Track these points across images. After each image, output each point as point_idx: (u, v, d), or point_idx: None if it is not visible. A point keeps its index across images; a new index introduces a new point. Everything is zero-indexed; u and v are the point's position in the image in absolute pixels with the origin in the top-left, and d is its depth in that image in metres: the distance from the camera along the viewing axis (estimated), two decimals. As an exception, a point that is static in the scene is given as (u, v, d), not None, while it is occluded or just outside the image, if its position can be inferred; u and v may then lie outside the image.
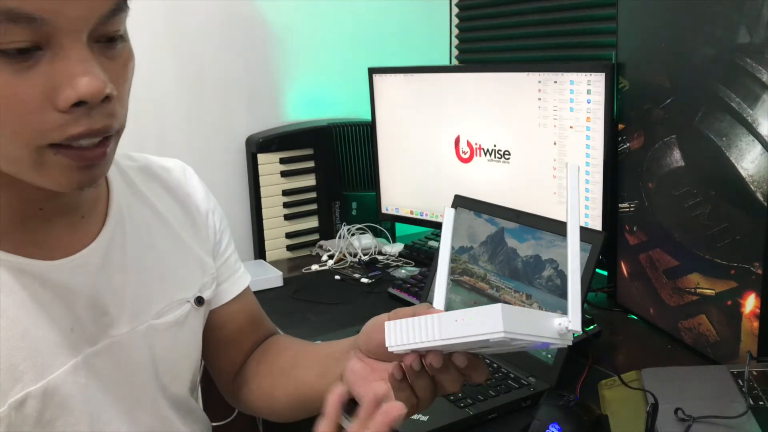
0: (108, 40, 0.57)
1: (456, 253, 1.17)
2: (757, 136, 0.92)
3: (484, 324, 0.52)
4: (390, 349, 0.56)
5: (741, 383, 0.86)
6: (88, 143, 0.57)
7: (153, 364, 0.75)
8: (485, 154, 1.47)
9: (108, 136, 0.59)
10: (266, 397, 0.85)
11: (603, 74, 1.22)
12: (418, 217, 1.66)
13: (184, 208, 0.82)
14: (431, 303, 0.62)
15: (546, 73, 1.32)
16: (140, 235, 0.75)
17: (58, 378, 0.65)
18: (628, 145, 1.19)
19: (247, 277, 0.91)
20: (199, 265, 0.82)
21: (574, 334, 0.55)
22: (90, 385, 0.68)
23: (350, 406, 0.64)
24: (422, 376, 0.60)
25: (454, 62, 1.96)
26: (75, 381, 0.66)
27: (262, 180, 1.67)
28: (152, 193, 0.79)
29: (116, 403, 0.71)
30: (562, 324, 0.54)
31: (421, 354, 0.58)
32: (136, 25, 1.70)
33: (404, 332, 0.56)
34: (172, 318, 0.76)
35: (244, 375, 0.88)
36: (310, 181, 1.74)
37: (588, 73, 1.25)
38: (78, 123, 0.55)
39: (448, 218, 0.63)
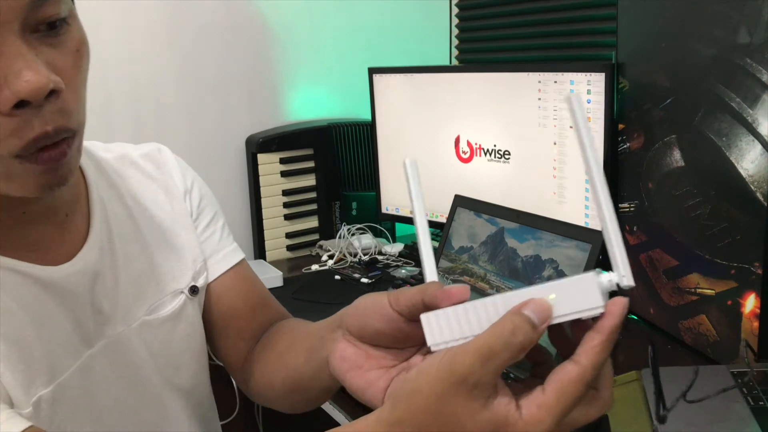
0: (48, 27, 0.52)
1: (456, 253, 1.17)
2: (757, 136, 0.92)
3: (575, 301, 0.42)
4: (434, 348, 0.46)
5: (741, 383, 0.86)
6: (47, 143, 0.53)
7: (152, 360, 0.73)
8: (485, 154, 1.47)
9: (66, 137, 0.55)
10: (267, 385, 0.79)
11: (603, 74, 1.22)
12: (418, 217, 1.66)
13: (167, 192, 0.79)
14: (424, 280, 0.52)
15: (546, 73, 1.32)
16: (125, 228, 0.73)
17: (64, 382, 0.64)
18: (628, 145, 1.19)
19: (236, 255, 0.84)
20: (190, 252, 0.79)
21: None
22: (92, 388, 0.67)
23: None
24: None
25: (454, 62, 1.96)
26: (79, 384, 0.65)
27: (262, 180, 1.67)
28: (133, 183, 0.77)
29: (118, 403, 0.70)
30: (612, 280, 0.43)
31: None
32: (137, 25, 1.71)
33: (454, 324, 0.45)
34: (167, 312, 0.75)
35: (251, 363, 0.82)
36: (310, 181, 1.74)
37: (588, 73, 1.25)
38: (29, 126, 0.51)
39: (412, 171, 0.52)
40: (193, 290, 0.78)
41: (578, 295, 0.42)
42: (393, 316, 0.53)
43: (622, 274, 0.43)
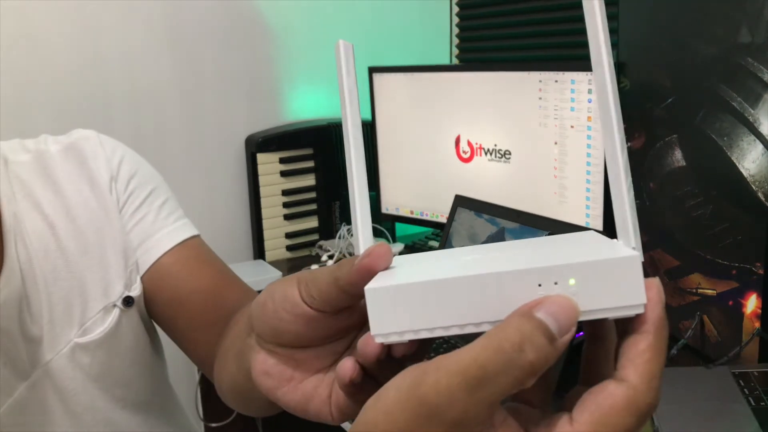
0: None
1: (456, 253, 1.17)
2: (759, 136, 0.91)
3: (605, 291, 0.29)
4: (380, 340, 0.32)
5: (742, 384, 0.86)
6: None
7: (94, 383, 0.67)
8: (486, 153, 1.47)
9: None
10: (219, 387, 0.65)
11: (604, 74, 1.21)
12: (418, 217, 1.66)
13: (93, 186, 0.70)
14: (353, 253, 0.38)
15: (547, 72, 1.31)
16: (45, 243, 0.66)
17: None
18: (629, 144, 1.18)
19: (174, 236, 0.72)
20: (120, 255, 0.69)
21: None
22: (31, 422, 0.62)
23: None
24: (392, 365, 0.36)
25: (455, 61, 1.96)
26: (14, 422, 0.61)
27: (261, 180, 1.67)
28: (52, 187, 0.68)
29: None
30: None
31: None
32: (136, 24, 1.71)
33: (417, 306, 0.31)
34: (102, 333, 0.67)
35: (214, 358, 0.69)
36: (309, 181, 1.73)
37: (589, 72, 1.24)
38: None
39: (346, 54, 0.38)
40: (127, 302, 0.69)
41: (610, 283, 0.29)
42: (312, 315, 0.39)
43: (632, 245, 0.31)
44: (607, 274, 0.29)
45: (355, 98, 0.37)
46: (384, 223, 1.77)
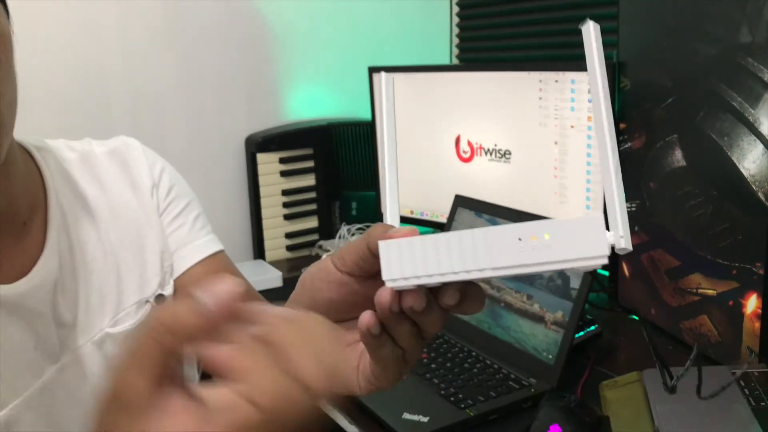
0: None
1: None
2: (759, 136, 0.91)
3: (575, 245, 0.36)
4: (390, 284, 0.39)
5: (743, 384, 0.86)
6: None
7: None
8: (486, 153, 1.46)
9: None
10: None
11: (604, 74, 1.21)
12: (418, 217, 1.66)
13: (134, 189, 0.75)
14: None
15: (547, 72, 1.31)
16: (86, 234, 0.69)
17: (22, 404, 0.61)
18: (629, 144, 1.18)
19: (206, 248, 0.77)
20: (158, 255, 0.74)
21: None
22: (56, 406, 0.64)
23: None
24: (403, 320, 0.43)
25: (455, 61, 1.96)
26: (41, 403, 0.62)
27: (261, 180, 1.66)
28: (96, 184, 0.72)
29: (83, 423, 0.67)
30: (608, 240, 0.38)
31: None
32: (136, 24, 1.70)
33: (419, 257, 0.38)
34: (132, 326, 0.70)
35: None
36: (309, 180, 1.73)
37: (589, 73, 1.24)
38: None
39: (387, 85, 0.46)
40: (159, 299, 0.73)
41: (577, 237, 0.36)
42: (343, 280, 0.45)
43: (620, 233, 0.37)
44: (575, 230, 0.36)
45: (393, 127, 0.46)
46: (384, 223, 1.76)
